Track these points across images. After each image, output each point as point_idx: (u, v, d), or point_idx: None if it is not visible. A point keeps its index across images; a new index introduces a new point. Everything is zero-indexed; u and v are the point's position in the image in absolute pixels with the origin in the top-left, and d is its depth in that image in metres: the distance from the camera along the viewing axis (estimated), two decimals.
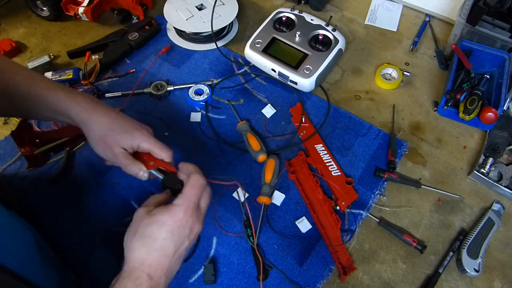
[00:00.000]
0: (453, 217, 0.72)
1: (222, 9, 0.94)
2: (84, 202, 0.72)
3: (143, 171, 0.57)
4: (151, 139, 0.57)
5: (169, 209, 0.50)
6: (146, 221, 0.50)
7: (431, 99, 0.88)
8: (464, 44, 0.87)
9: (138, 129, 0.57)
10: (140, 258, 0.48)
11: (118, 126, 0.56)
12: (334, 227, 0.68)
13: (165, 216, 0.50)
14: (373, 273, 0.66)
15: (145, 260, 0.48)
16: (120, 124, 0.56)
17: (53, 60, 0.90)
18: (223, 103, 0.85)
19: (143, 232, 0.49)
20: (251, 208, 0.71)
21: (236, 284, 0.65)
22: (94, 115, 0.56)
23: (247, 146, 0.77)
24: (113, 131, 0.56)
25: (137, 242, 0.49)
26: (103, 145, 0.56)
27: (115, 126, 0.56)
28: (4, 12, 1.01)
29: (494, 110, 0.76)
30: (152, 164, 0.57)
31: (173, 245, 0.49)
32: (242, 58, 0.93)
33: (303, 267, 0.66)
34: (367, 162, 0.78)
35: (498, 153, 0.77)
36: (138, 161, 0.57)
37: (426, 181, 0.76)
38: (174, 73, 0.90)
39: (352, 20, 1.03)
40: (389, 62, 0.93)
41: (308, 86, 0.83)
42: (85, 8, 0.93)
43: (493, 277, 0.67)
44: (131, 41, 0.92)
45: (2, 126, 0.81)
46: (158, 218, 0.50)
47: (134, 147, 0.57)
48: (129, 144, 0.56)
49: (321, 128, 0.82)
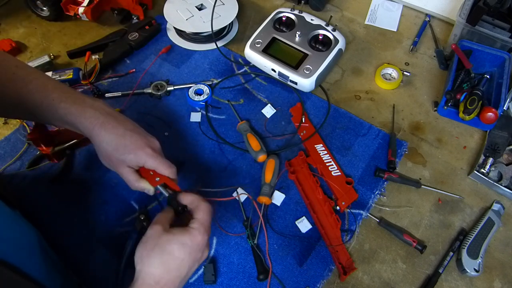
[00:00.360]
0: (453, 217, 0.72)
1: (222, 9, 0.94)
2: (84, 202, 0.72)
3: (149, 189, 0.59)
4: (156, 158, 0.57)
5: (189, 231, 0.51)
6: (166, 238, 0.50)
7: (431, 99, 0.88)
8: (464, 44, 0.87)
9: (142, 147, 0.57)
10: (158, 275, 0.48)
11: (123, 146, 0.56)
12: (334, 227, 0.68)
13: (185, 237, 0.50)
14: (373, 273, 0.66)
15: (162, 278, 0.48)
16: (125, 144, 0.56)
17: (53, 60, 0.90)
18: (223, 103, 0.85)
19: (163, 248, 0.49)
20: (251, 208, 0.71)
21: (236, 284, 0.65)
22: (101, 133, 0.56)
23: (247, 146, 0.77)
24: (118, 151, 0.56)
25: (156, 258, 0.49)
26: (109, 162, 0.58)
27: (120, 146, 0.56)
28: (4, 12, 1.01)
29: (494, 110, 0.76)
30: (158, 180, 0.59)
31: (188, 266, 0.50)
32: (242, 58, 0.93)
33: (303, 267, 0.66)
34: (367, 162, 0.78)
35: (498, 153, 0.77)
36: (143, 178, 0.59)
37: (426, 181, 0.76)
38: (174, 73, 0.90)
39: (352, 20, 1.03)
40: (389, 62, 0.93)
41: (308, 86, 0.83)
42: (85, 8, 0.93)
43: (493, 277, 0.67)
44: (131, 41, 0.92)
45: (2, 126, 0.81)
46: (179, 238, 0.50)
47: (140, 165, 0.58)
48: (134, 163, 0.57)
49: (321, 128, 0.82)
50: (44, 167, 0.75)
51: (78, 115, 0.56)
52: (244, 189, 0.73)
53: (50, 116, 0.57)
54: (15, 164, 0.75)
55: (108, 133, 0.56)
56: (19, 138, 0.79)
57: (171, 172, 0.58)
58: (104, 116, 0.57)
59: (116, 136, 0.56)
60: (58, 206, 0.71)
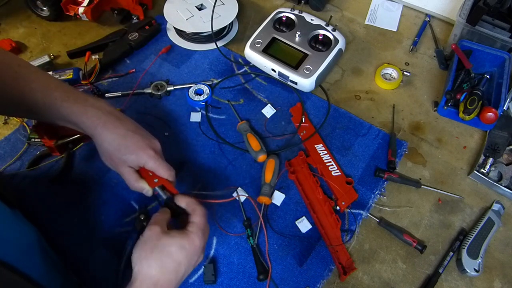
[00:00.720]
0: (453, 217, 0.72)
1: (222, 9, 0.94)
2: (84, 202, 0.72)
3: (147, 190, 0.59)
4: (156, 160, 0.58)
5: (188, 234, 0.52)
6: (165, 240, 0.50)
7: (431, 99, 0.88)
8: (464, 44, 0.87)
9: (144, 149, 0.57)
10: (155, 277, 0.49)
11: (125, 146, 0.56)
12: (334, 227, 0.68)
13: (184, 241, 0.51)
14: (373, 273, 0.66)
15: (159, 280, 0.49)
16: (126, 145, 0.57)
17: (53, 60, 0.90)
18: (223, 103, 0.85)
19: (162, 250, 0.50)
20: (251, 208, 0.71)
21: (236, 284, 0.65)
22: (104, 132, 0.56)
23: (247, 146, 0.77)
24: (119, 151, 0.56)
25: (155, 259, 0.49)
26: (111, 161, 0.59)
27: (121, 146, 0.56)
28: (4, 12, 1.01)
29: (494, 110, 0.76)
30: (157, 182, 0.59)
31: (184, 270, 0.51)
32: (242, 58, 0.93)
33: (303, 267, 0.66)
34: (367, 162, 0.78)
35: (498, 153, 0.77)
36: (142, 179, 0.59)
37: (426, 181, 0.76)
38: (174, 73, 0.90)
39: (352, 20, 1.03)
40: (389, 62, 0.93)
41: (308, 86, 0.83)
42: (85, 8, 0.93)
43: (493, 277, 0.67)
44: (131, 41, 0.92)
45: (2, 126, 0.81)
46: (178, 241, 0.51)
47: (140, 165, 0.58)
48: (135, 163, 0.58)
49: (321, 128, 0.82)
50: (44, 167, 0.75)
51: (80, 114, 0.56)
52: (244, 189, 0.73)
53: (52, 115, 0.57)
54: (15, 164, 0.75)
55: (110, 133, 0.56)
56: (19, 138, 0.79)
57: (170, 175, 0.59)
58: (106, 115, 0.57)
59: (118, 136, 0.56)
60: (58, 206, 0.71)
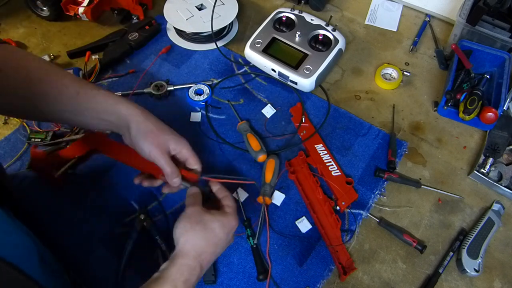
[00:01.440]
0: (453, 217, 0.72)
1: (222, 9, 0.94)
2: (84, 202, 0.72)
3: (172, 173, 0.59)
4: (191, 148, 0.61)
5: (227, 214, 0.57)
6: (208, 217, 0.55)
7: (431, 99, 0.88)
8: (464, 44, 0.87)
9: (181, 136, 0.61)
10: (200, 248, 0.53)
11: (167, 128, 0.60)
12: (334, 227, 0.68)
13: (225, 220, 0.56)
14: (373, 273, 0.66)
15: (203, 252, 0.53)
16: (167, 128, 0.61)
17: (53, 60, 0.91)
18: (223, 103, 0.85)
19: (205, 225, 0.54)
20: (251, 208, 0.71)
21: (236, 284, 0.65)
22: (143, 115, 0.59)
23: (247, 146, 0.77)
24: (163, 130, 0.59)
25: (200, 231, 0.54)
26: (151, 139, 0.58)
27: (164, 127, 0.60)
28: (4, 12, 1.01)
29: (494, 110, 0.76)
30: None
31: (222, 246, 0.56)
32: (242, 58, 0.93)
33: (303, 267, 0.66)
34: (367, 162, 0.78)
35: (498, 153, 0.77)
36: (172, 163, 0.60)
37: (426, 181, 0.76)
38: (174, 73, 0.90)
39: (352, 20, 1.03)
40: (389, 62, 0.93)
41: (308, 86, 0.83)
42: (85, 8, 0.93)
43: (493, 277, 0.67)
44: (131, 41, 0.92)
45: (2, 126, 0.81)
46: (220, 218, 0.56)
47: (176, 151, 0.60)
48: (173, 146, 0.60)
49: (321, 128, 0.82)
50: None
51: (115, 104, 0.58)
52: (244, 189, 0.73)
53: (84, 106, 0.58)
54: (15, 164, 0.75)
55: (151, 117, 0.60)
56: (19, 138, 0.79)
57: (199, 167, 0.62)
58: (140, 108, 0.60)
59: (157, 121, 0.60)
60: (58, 206, 0.71)
